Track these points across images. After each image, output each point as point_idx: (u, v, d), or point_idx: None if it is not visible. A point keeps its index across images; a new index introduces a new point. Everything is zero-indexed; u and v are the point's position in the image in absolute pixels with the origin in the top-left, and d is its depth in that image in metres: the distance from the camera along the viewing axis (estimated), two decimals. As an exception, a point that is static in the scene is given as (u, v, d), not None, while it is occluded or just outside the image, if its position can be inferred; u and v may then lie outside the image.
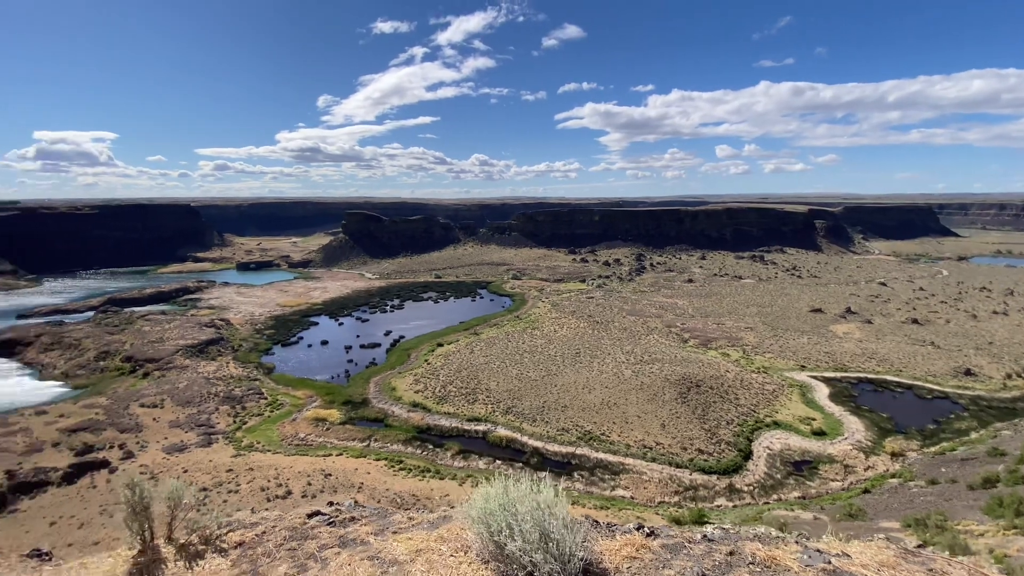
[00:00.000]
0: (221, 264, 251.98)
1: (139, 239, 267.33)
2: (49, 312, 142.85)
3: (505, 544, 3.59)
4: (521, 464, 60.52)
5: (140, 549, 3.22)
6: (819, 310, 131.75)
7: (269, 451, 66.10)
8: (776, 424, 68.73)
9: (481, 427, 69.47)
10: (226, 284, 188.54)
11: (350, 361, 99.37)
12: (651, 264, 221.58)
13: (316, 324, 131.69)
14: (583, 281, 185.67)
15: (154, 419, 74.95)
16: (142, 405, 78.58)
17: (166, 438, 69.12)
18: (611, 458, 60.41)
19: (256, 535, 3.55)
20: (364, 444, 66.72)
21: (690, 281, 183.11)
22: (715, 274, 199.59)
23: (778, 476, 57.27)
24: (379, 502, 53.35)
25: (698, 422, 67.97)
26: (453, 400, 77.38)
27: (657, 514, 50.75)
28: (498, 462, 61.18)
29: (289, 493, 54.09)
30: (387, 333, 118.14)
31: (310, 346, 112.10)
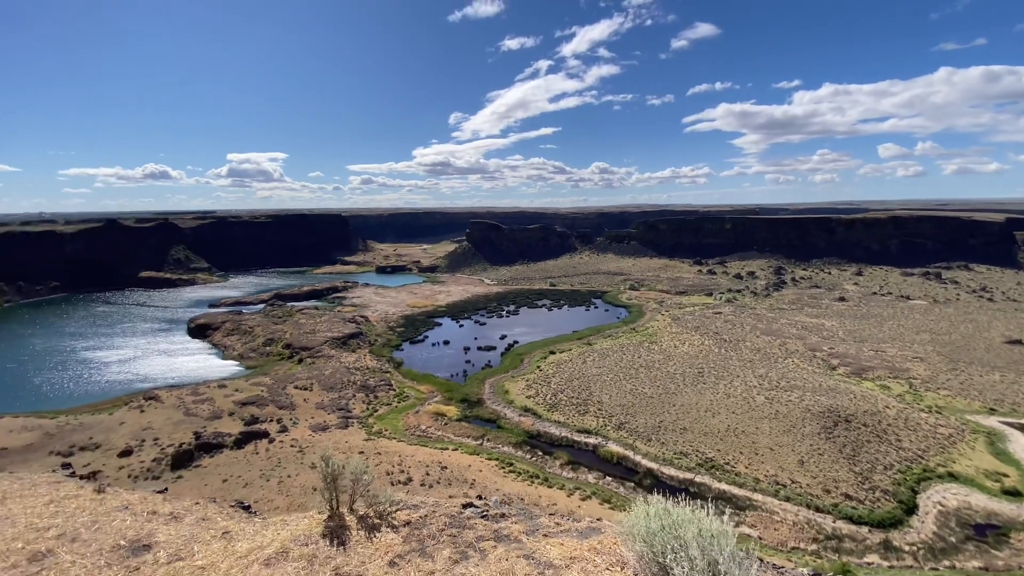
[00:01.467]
0: (363, 267, 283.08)
1: (300, 244, 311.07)
2: (232, 303, 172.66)
3: (671, 567, 3.34)
4: (633, 484, 57.95)
5: (329, 514, 3.65)
6: (1019, 341, 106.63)
7: (394, 438, 71.89)
8: (952, 476, 56.85)
9: (591, 440, 68.05)
10: (366, 285, 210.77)
11: (467, 361, 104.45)
12: (793, 279, 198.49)
13: (439, 324, 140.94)
14: (709, 295, 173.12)
15: (304, 400, 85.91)
16: (296, 387, 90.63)
17: (312, 417, 78.84)
18: (736, 491, 55.01)
19: (420, 517, 3.79)
20: (477, 443, 69.36)
21: (842, 299, 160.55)
22: (874, 293, 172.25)
23: (952, 539, 47.20)
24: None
25: (846, 463, 58.98)
26: (563, 409, 77.03)
27: (790, 560, 44.89)
28: (608, 478, 59.32)
29: (410, 480, 58.11)
30: (502, 337, 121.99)
31: (433, 345, 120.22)
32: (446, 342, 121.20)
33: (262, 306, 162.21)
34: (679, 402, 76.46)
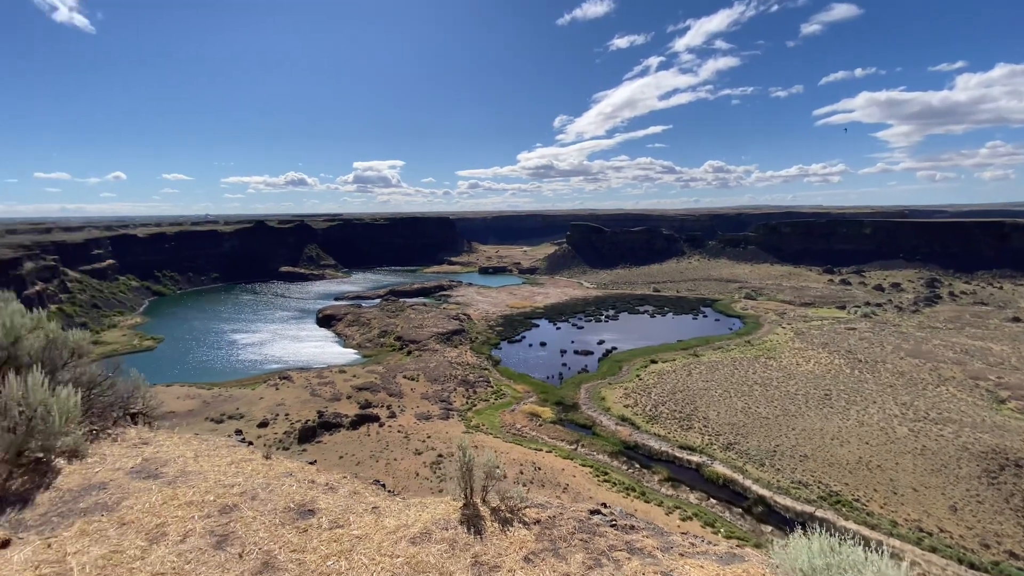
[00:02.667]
0: (467, 267, 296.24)
1: (412, 244, 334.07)
2: (353, 297, 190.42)
3: (841, 614, 2.98)
4: (740, 511, 53.41)
5: (464, 503, 3.82)
6: None
7: (491, 434, 73.91)
8: None
9: (695, 458, 63.94)
10: (470, 284, 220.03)
11: (564, 365, 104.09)
12: (951, 293, 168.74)
13: (537, 326, 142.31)
14: (842, 308, 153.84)
15: (411, 389, 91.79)
16: (405, 376, 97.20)
17: (418, 407, 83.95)
18: (867, 532, 48.07)
19: (548, 516, 3.81)
20: (572, 447, 68.74)
21: (1016, 320, 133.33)
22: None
23: None
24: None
25: (1012, 515, 48.90)
26: (664, 422, 73.37)
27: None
28: (712, 500, 55.33)
29: (504, 477, 59.26)
30: (600, 342, 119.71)
31: (530, 346, 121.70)
32: (543, 344, 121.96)
33: (378, 301, 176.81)
34: (800, 426, 68.94)
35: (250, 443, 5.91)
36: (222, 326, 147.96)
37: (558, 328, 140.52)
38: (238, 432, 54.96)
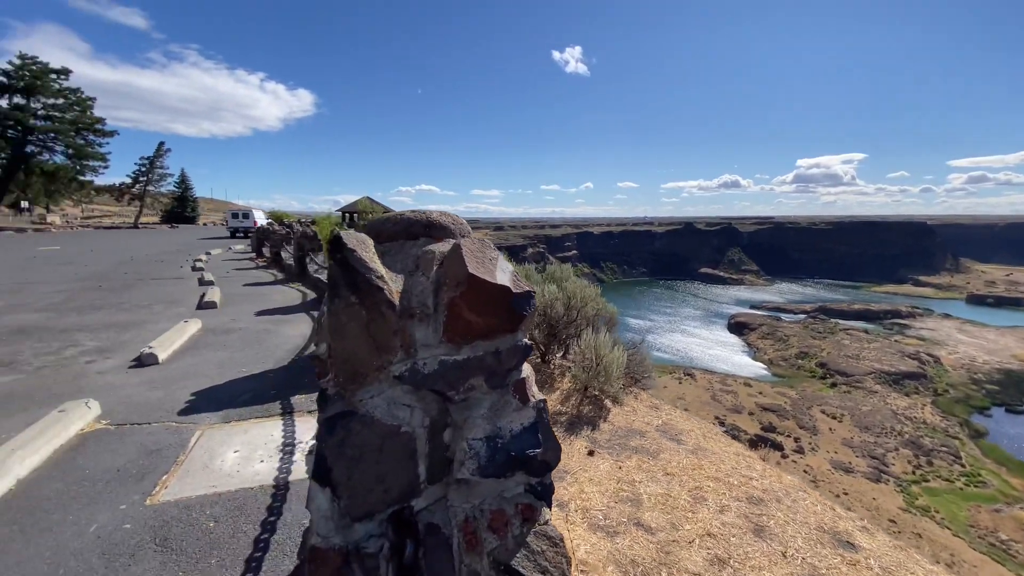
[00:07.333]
0: (945, 292, 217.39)
1: (859, 255, 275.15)
2: (771, 308, 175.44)
3: None
4: None
5: None
6: None
7: (947, 529, 53.06)
8: None
9: None
10: (946, 316, 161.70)
11: None
12: None
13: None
14: None
15: (830, 429, 77.26)
16: (823, 411, 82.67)
17: (836, 452, 69.83)
18: None
19: None
20: None
21: None
22: None
23: None
24: None
25: None
26: None
27: None
28: None
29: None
30: None
31: (1056, 428, 78.42)
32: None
33: (802, 316, 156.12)
34: None
35: (734, 435, 6.29)
36: (643, 312, 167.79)
37: None
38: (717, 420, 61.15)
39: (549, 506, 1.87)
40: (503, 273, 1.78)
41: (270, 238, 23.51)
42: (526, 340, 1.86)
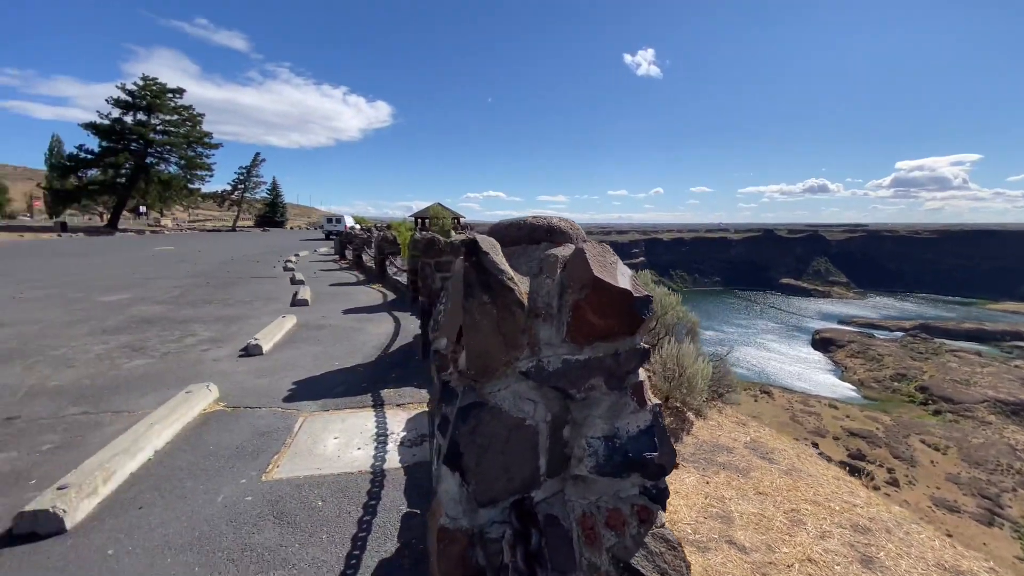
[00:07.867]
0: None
1: (972, 268, 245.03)
2: (863, 324, 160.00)
3: None
4: None
5: None
6: None
7: (1085, 591, 45.53)
8: None
9: None
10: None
11: None
12: None
13: None
14: None
15: (931, 461, 69.09)
16: (923, 442, 74.11)
17: (938, 488, 62.16)
18: None
19: None
20: None
21: None
22: None
23: None
24: None
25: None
26: None
27: None
28: None
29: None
30: None
31: None
32: None
33: (900, 334, 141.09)
34: None
35: (828, 458, 5.83)
36: (715, 325, 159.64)
37: None
38: (814, 444, 58.40)
39: (664, 510, 1.87)
40: (624, 277, 1.83)
41: (352, 241, 25.09)
42: (644, 344, 1.89)
